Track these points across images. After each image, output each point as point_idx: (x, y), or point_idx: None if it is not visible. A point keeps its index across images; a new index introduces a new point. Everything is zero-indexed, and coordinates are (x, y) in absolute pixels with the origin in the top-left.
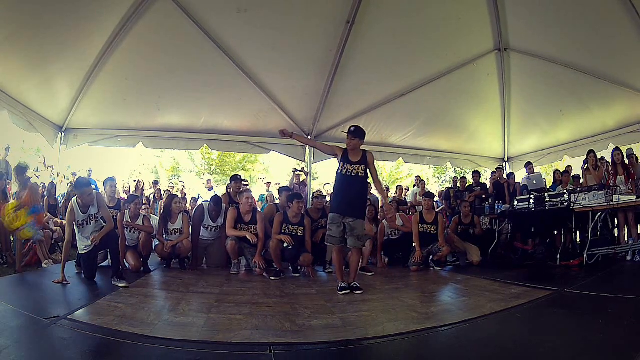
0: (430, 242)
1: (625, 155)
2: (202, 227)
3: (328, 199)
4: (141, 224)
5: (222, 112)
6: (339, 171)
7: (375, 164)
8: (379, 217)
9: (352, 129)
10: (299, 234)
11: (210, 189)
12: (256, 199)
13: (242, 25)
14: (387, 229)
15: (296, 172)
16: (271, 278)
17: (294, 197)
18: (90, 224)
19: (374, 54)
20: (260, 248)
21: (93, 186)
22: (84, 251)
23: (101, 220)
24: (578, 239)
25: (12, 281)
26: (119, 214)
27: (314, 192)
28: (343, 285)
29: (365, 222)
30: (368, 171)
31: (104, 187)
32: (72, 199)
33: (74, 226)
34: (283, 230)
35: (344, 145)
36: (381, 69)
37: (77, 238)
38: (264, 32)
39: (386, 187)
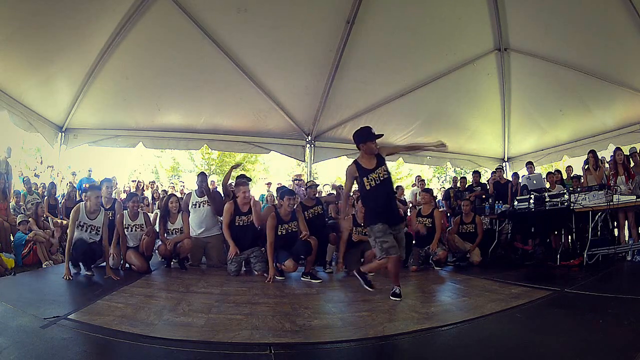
0: (426, 238)
1: (628, 154)
2: (191, 208)
3: (324, 194)
4: (142, 222)
5: (222, 112)
6: (365, 188)
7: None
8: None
9: (375, 133)
10: (294, 230)
11: (215, 189)
12: (256, 198)
13: (241, 25)
14: None
15: (296, 181)
16: (277, 277)
17: (285, 194)
18: (89, 232)
19: (374, 54)
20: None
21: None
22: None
23: (98, 233)
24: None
25: (12, 281)
26: (118, 216)
27: (307, 182)
28: (397, 291)
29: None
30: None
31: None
32: (81, 203)
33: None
34: (280, 232)
35: (350, 157)
36: (381, 69)
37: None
38: (264, 32)
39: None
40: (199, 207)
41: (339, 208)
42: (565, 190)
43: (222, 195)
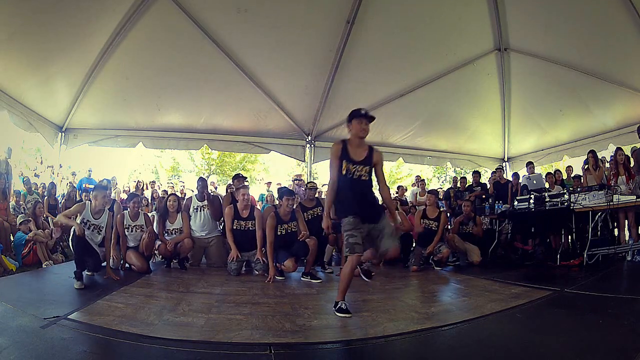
0: (431, 239)
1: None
2: (192, 213)
3: (323, 194)
4: (142, 222)
5: (222, 112)
6: (341, 171)
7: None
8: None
9: (365, 112)
10: (293, 230)
11: (215, 189)
12: (256, 198)
13: (241, 25)
14: None
15: (296, 181)
16: (277, 277)
17: (284, 194)
18: (92, 231)
19: (374, 53)
20: (261, 245)
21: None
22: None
23: (100, 233)
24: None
25: (12, 281)
26: (118, 216)
27: (307, 183)
28: (343, 307)
29: None
30: (373, 173)
31: None
32: (88, 201)
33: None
34: (279, 232)
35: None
36: (381, 69)
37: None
38: (264, 32)
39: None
40: (200, 211)
41: None
42: (565, 191)
43: (222, 200)
